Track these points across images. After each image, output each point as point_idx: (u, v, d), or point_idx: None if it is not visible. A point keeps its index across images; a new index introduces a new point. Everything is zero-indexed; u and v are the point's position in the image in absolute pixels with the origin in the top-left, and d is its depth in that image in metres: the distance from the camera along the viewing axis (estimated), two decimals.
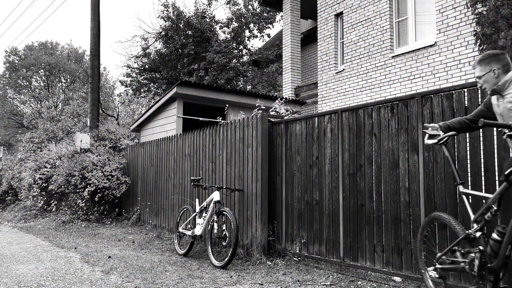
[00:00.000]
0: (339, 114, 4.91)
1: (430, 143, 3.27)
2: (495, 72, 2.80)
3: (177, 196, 7.90)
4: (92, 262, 5.45)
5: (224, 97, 10.13)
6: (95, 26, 13.30)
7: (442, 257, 3.12)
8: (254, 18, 18.56)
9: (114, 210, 10.35)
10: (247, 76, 18.04)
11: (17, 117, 33.57)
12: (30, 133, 17.55)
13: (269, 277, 4.65)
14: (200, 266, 5.37)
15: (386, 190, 4.32)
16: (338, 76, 9.87)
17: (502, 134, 2.72)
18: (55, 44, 38.16)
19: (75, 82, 36.16)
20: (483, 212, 2.77)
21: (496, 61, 2.80)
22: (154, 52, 19.06)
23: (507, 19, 6.06)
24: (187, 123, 11.92)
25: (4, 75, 35.58)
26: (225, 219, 5.76)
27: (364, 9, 9.26)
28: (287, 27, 12.14)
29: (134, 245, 7.04)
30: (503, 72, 2.78)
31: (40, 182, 11.39)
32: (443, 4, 7.73)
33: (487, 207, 2.72)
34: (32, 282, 4.41)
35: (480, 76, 2.87)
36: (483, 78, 2.86)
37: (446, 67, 7.59)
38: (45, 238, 7.84)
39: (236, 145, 6.27)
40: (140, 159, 9.69)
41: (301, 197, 5.35)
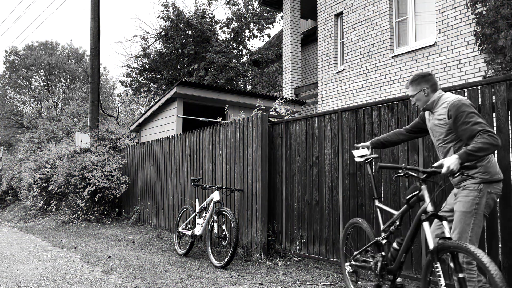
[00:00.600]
0: (339, 114, 4.91)
1: (358, 161, 3.76)
2: (425, 91, 3.10)
3: (177, 196, 7.90)
4: (92, 262, 5.45)
5: (224, 97, 10.13)
6: (95, 26, 13.30)
7: (357, 256, 3.68)
8: (254, 18, 18.56)
9: (114, 210, 10.35)
10: (247, 76, 18.04)
11: (17, 117, 33.57)
12: (30, 133, 17.55)
13: (269, 277, 4.65)
14: (200, 266, 5.37)
15: (386, 190, 4.32)
16: (338, 76, 9.87)
17: (395, 174, 3.39)
18: (55, 44, 38.17)
19: (75, 82, 36.17)
20: (389, 225, 3.33)
21: (425, 81, 3.11)
22: (154, 52, 19.06)
23: (507, 19, 6.07)
24: (187, 123, 11.92)
25: (4, 75, 35.58)
26: (225, 219, 5.76)
27: (364, 9, 9.26)
28: (287, 27, 12.14)
29: (134, 245, 7.04)
30: (431, 91, 3.10)
31: (40, 182, 11.39)
32: (443, 4, 7.73)
33: (392, 222, 3.30)
34: (32, 282, 4.41)
35: (413, 95, 3.17)
36: (415, 97, 3.16)
37: (446, 67, 7.59)
38: (45, 238, 7.84)
39: (236, 145, 6.27)
40: (140, 159, 9.69)
41: (301, 197, 5.35)
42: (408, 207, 3.10)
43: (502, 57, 6.21)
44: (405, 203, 3.13)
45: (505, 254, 3.35)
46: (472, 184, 2.88)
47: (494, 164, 2.91)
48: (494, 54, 6.35)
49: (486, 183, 2.86)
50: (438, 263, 2.67)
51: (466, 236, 2.85)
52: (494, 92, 3.51)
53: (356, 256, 3.70)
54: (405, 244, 3.05)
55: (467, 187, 2.90)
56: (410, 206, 3.07)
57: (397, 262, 3.11)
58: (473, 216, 2.85)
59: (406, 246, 3.05)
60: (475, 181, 2.87)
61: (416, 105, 3.20)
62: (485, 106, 3.56)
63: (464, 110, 2.84)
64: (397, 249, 3.13)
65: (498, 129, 3.46)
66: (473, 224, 2.85)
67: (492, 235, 3.44)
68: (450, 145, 3.00)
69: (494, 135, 2.69)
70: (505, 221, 3.36)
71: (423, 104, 3.14)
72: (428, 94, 3.10)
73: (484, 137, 2.70)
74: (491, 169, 2.88)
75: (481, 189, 2.86)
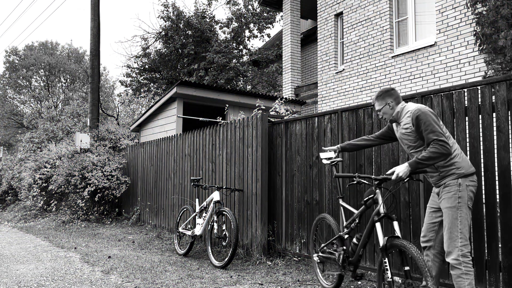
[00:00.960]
0: (339, 114, 4.91)
1: (325, 163, 4.21)
2: (389, 105, 3.37)
3: (177, 196, 7.90)
4: (92, 262, 5.45)
5: (224, 97, 10.13)
6: (95, 26, 13.30)
7: (324, 248, 4.09)
8: (254, 18, 18.55)
9: (114, 210, 10.35)
10: (247, 76, 18.04)
11: (17, 117, 33.57)
12: (30, 133, 17.54)
13: (269, 277, 4.65)
14: (200, 266, 5.37)
15: (385, 190, 4.31)
16: (338, 76, 9.87)
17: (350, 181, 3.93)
18: (55, 44, 38.16)
19: (75, 82, 36.16)
20: (350, 222, 3.73)
21: (389, 96, 3.37)
22: (154, 52, 19.06)
23: (507, 19, 6.07)
24: (187, 123, 11.92)
25: (4, 75, 35.58)
26: (225, 219, 5.76)
27: (364, 9, 9.27)
28: (287, 27, 12.14)
29: (134, 245, 7.04)
30: (396, 104, 3.36)
31: (40, 182, 11.39)
32: (443, 4, 7.73)
33: (353, 219, 3.69)
34: (32, 282, 4.41)
35: (379, 109, 3.44)
36: (382, 110, 3.43)
37: (446, 67, 7.59)
38: (45, 238, 7.84)
39: (236, 145, 6.27)
40: (140, 159, 9.69)
41: (301, 197, 5.35)
42: (365, 207, 3.53)
43: (502, 57, 6.21)
44: (362, 204, 3.53)
45: (505, 254, 3.35)
46: (451, 181, 3.10)
47: (465, 159, 3.15)
48: (494, 54, 6.35)
49: (463, 177, 3.09)
50: (386, 258, 3.07)
51: (456, 229, 3.03)
52: (494, 92, 3.51)
53: (323, 248, 4.11)
54: (362, 240, 3.49)
55: (448, 184, 3.12)
56: (367, 206, 3.49)
57: (356, 255, 3.55)
58: (459, 210, 3.05)
59: (363, 241, 3.49)
60: (453, 177, 3.10)
61: (384, 118, 3.46)
62: (485, 106, 3.56)
63: (421, 119, 3.09)
64: (356, 244, 3.55)
65: (498, 129, 3.46)
66: (460, 216, 3.04)
67: (492, 235, 3.44)
68: (422, 150, 3.23)
69: (445, 145, 2.98)
70: (505, 221, 3.36)
71: (389, 117, 3.41)
72: (393, 107, 3.36)
73: (435, 146, 2.99)
74: (463, 163, 3.12)
75: (460, 184, 3.08)
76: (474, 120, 3.63)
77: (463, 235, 3.01)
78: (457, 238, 3.01)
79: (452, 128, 3.78)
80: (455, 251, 3.00)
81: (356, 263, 3.58)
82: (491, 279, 3.42)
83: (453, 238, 3.02)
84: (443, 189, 3.15)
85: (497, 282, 3.39)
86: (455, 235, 3.02)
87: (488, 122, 3.54)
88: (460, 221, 3.03)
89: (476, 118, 3.63)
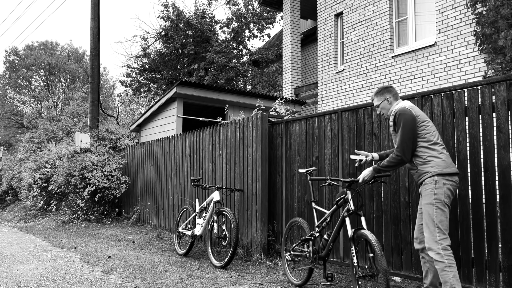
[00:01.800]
0: (339, 114, 4.90)
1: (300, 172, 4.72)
2: (388, 100, 3.54)
3: (177, 196, 7.90)
4: (92, 262, 5.45)
5: (224, 97, 10.13)
6: (95, 26, 13.30)
7: (295, 247, 4.42)
8: (254, 18, 18.55)
9: (114, 210, 10.35)
10: (247, 76, 18.04)
11: (17, 117, 33.57)
12: (30, 133, 17.53)
13: (269, 277, 4.65)
14: (200, 266, 5.37)
15: (386, 190, 4.31)
16: (338, 76, 9.87)
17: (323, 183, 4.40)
18: (55, 44, 38.16)
19: (75, 82, 36.16)
20: (322, 221, 4.09)
21: (388, 92, 3.56)
22: (154, 52, 19.06)
23: (507, 19, 6.06)
24: (187, 123, 11.92)
25: (4, 75, 35.58)
26: (225, 219, 5.76)
27: (364, 9, 9.27)
28: (287, 27, 12.14)
29: (134, 245, 7.04)
30: (394, 100, 3.55)
31: (40, 182, 11.39)
32: (443, 4, 7.73)
33: (324, 219, 4.06)
34: (32, 282, 4.41)
35: (378, 104, 3.60)
36: (380, 106, 3.59)
37: (446, 67, 7.59)
38: (45, 238, 7.84)
39: (236, 145, 6.27)
40: (140, 159, 9.69)
41: (301, 197, 5.35)
42: (337, 207, 3.91)
43: (502, 57, 6.21)
44: (334, 204, 3.91)
45: (505, 254, 3.35)
46: (428, 179, 3.25)
47: (447, 160, 3.26)
48: (494, 54, 6.35)
49: (440, 176, 3.20)
50: (353, 247, 3.47)
51: (433, 224, 3.15)
52: (494, 92, 3.51)
53: (294, 247, 4.44)
54: (333, 235, 3.85)
55: (425, 182, 3.28)
56: (338, 206, 3.89)
57: (326, 249, 3.92)
58: (434, 206, 3.18)
59: (333, 236, 3.85)
60: (429, 175, 3.24)
61: (382, 113, 3.62)
62: (485, 106, 3.56)
63: (399, 122, 3.32)
64: (326, 239, 3.94)
65: (498, 129, 3.46)
66: (436, 212, 3.17)
67: (492, 235, 3.44)
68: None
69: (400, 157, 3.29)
70: (505, 221, 3.36)
71: (387, 112, 3.57)
72: (391, 103, 3.53)
73: (394, 157, 3.34)
74: (441, 163, 3.23)
75: (436, 181, 3.20)
76: (474, 120, 3.63)
77: (441, 230, 3.13)
78: (435, 232, 3.12)
79: (452, 128, 3.78)
80: (435, 245, 3.11)
81: (325, 257, 3.97)
82: (491, 279, 3.42)
83: (431, 233, 3.14)
84: (422, 187, 3.31)
85: (497, 282, 3.39)
86: (433, 229, 3.14)
87: (488, 122, 3.54)
88: (436, 216, 3.15)
89: (476, 118, 3.63)
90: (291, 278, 4.39)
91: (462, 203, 3.66)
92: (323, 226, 4.08)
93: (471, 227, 3.58)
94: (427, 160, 3.26)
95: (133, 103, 19.34)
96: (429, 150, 3.28)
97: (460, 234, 3.65)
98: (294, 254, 4.39)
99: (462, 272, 3.60)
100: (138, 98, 19.80)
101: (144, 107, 18.56)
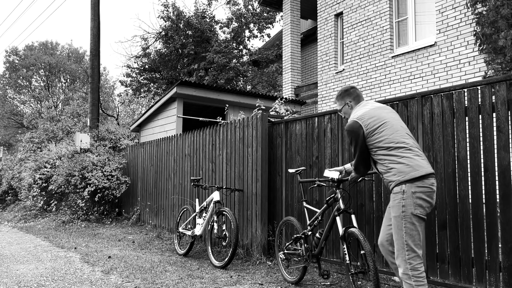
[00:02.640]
0: (339, 114, 4.90)
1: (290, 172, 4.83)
2: (349, 105, 3.40)
3: (177, 196, 7.90)
4: (92, 262, 5.45)
5: (224, 97, 10.13)
6: (95, 26, 13.30)
7: (288, 246, 4.46)
8: (254, 18, 18.55)
9: (114, 210, 10.35)
10: (247, 76, 18.04)
11: (17, 117, 33.58)
12: (30, 133, 17.53)
13: (269, 277, 4.65)
14: (200, 266, 5.37)
15: (386, 190, 4.31)
16: (338, 76, 9.87)
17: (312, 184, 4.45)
18: (55, 44, 38.16)
19: (75, 82, 36.16)
20: (314, 220, 4.12)
21: (348, 95, 3.40)
22: (154, 52, 19.06)
23: (507, 19, 6.07)
24: (187, 123, 11.92)
25: (4, 75, 35.58)
26: (225, 219, 5.76)
27: (364, 9, 9.27)
28: (287, 27, 12.13)
29: (134, 245, 7.04)
30: (355, 103, 3.37)
31: (40, 182, 11.39)
32: (443, 4, 7.73)
33: (316, 217, 4.09)
34: (32, 282, 4.41)
35: (340, 109, 3.48)
36: (342, 110, 3.47)
37: (446, 67, 7.59)
38: (45, 238, 7.84)
39: (236, 145, 6.27)
40: (140, 159, 9.69)
41: (301, 197, 5.34)
42: (327, 206, 3.96)
43: (502, 57, 6.21)
44: (325, 203, 3.97)
45: (505, 254, 3.35)
46: (396, 187, 2.95)
47: (406, 164, 2.92)
48: (494, 54, 6.35)
49: (406, 183, 2.89)
50: (345, 245, 3.48)
51: (402, 241, 2.87)
52: (494, 92, 3.51)
53: (288, 246, 4.46)
54: (324, 234, 3.89)
55: (393, 191, 2.99)
56: (329, 205, 3.94)
57: (319, 248, 3.95)
58: (403, 219, 2.88)
59: (325, 235, 3.89)
60: (395, 183, 2.94)
61: (345, 118, 3.49)
62: (485, 106, 3.56)
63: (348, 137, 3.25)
64: (319, 238, 3.99)
65: (498, 129, 3.46)
66: (405, 227, 2.87)
67: (492, 235, 3.44)
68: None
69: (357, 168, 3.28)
70: (505, 221, 3.36)
71: (349, 117, 3.37)
72: (352, 107, 3.38)
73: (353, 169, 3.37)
74: (403, 169, 2.92)
75: (404, 191, 2.89)
76: (474, 120, 3.63)
77: (410, 247, 2.85)
78: (404, 250, 2.87)
79: (452, 128, 3.78)
80: (403, 264, 2.87)
81: (318, 255, 3.99)
82: (491, 279, 3.42)
83: (400, 250, 2.90)
84: (391, 196, 3.02)
85: (497, 282, 3.39)
86: (401, 246, 2.88)
87: (488, 122, 3.54)
88: (405, 232, 2.87)
89: (476, 118, 3.63)
90: (286, 276, 4.43)
91: (462, 203, 3.66)
92: (315, 225, 4.12)
93: (471, 227, 3.58)
94: (389, 168, 3.00)
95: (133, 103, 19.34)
96: (388, 156, 3.01)
97: (460, 234, 3.65)
98: (288, 252, 4.43)
99: (462, 272, 3.61)
100: (138, 98, 19.80)
101: (144, 107, 18.56)
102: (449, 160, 3.78)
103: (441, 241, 3.80)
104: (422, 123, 4.04)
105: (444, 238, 3.78)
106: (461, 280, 3.60)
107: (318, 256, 4.02)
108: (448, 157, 3.80)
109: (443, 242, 3.78)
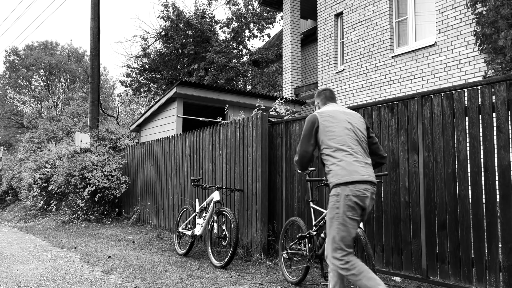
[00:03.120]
0: None
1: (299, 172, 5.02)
2: (318, 106, 3.50)
3: (177, 196, 7.90)
4: (92, 262, 5.45)
5: (224, 97, 10.13)
6: (95, 26, 13.30)
7: (292, 245, 4.45)
8: (254, 18, 18.54)
9: (114, 210, 10.35)
10: (247, 76, 18.04)
11: (17, 117, 33.58)
12: (30, 133, 17.54)
13: (269, 277, 4.65)
14: (200, 266, 5.37)
15: (386, 190, 4.32)
16: (338, 76, 9.88)
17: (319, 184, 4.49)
18: (55, 44, 38.15)
19: (75, 82, 36.16)
20: (320, 220, 4.02)
21: (318, 96, 3.52)
22: (154, 52, 19.05)
23: (507, 19, 6.07)
24: (187, 123, 11.92)
25: (4, 75, 35.57)
26: (225, 219, 5.76)
27: (364, 9, 9.27)
28: (287, 27, 12.14)
29: (134, 245, 7.04)
30: (322, 105, 3.46)
31: (40, 182, 11.39)
32: (443, 4, 7.73)
33: (322, 218, 3.99)
34: (32, 282, 4.41)
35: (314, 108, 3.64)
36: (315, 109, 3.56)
37: (446, 67, 7.59)
38: (45, 238, 7.84)
39: (236, 145, 6.27)
40: (140, 159, 9.69)
41: (301, 197, 5.35)
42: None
43: (502, 57, 6.22)
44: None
45: (505, 254, 3.35)
46: (332, 189, 3.03)
47: (343, 167, 2.98)
48: (494, 54, 6.36)
49: (340, 186, 2.95)
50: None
51: (333, 241, 2.95)
52: (494, 92, 3.51)
53: (292, 246, 4.47)
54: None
55: (330, 193, 3.05)
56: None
57: (323, 248, 3.88)
58: (336, 221, 2.95)
59: None
60: (332, 185, 3.03)
61: None
62: (485, 106, 3.56)
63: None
64: (324, 238, 3.94)
65: (498, 129, 3.46)
66: (337, 228, 2.93)
67: (492, 235, 3.44)
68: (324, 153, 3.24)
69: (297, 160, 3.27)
70: (505, 221, 3.36)
71: None
72: (320, 108, 3.47)
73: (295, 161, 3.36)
74: (339, 172, 2.98)
75: (338, 194, 2.96)
76: (474, 120, 3.63)
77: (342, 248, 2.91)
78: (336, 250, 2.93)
79: (452, 128, 3.78)
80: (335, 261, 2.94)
81: (321, 255, 3.95)
82: (491, 279, 3.42)
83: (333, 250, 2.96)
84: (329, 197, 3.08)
85: (497, 282, 3.39)
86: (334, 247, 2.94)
87: (488, 122, 3.54)
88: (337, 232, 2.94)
89: (476, 118, 3.63)
90: (288, 277, 4.44)
91: (462, 203, 3.66)
92: (321, 225, 4.10)
93: (471, 227, 3.58)
94: (329, 169, 3.06)
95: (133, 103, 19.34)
96: (330, 157, 3.06)
97: (460, 234, 3.65)
98: (291, 252, 4.43)
99: (462, 272, 3.61)
100: (138, 98, 19.79)
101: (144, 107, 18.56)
102: (449, 160, 3.78)
103: (441, 241, 3.80)
104: (422, 123, 4.04)
105: (444, 238, 3.78)
106: (461, 280, 3.61)
107: (321, 257, 4.03)
108: (448, 157, 3.80)
109: (443, 242, 3.78)
